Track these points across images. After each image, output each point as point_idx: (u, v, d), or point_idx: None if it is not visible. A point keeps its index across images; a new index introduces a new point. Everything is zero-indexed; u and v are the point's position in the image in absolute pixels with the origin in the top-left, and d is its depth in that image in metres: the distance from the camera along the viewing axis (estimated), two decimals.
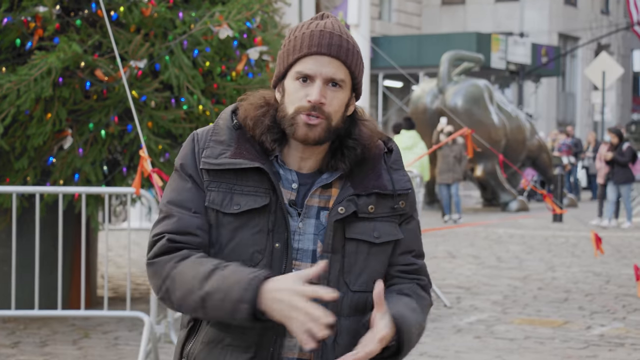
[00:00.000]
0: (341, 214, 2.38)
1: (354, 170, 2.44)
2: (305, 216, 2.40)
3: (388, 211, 2.45)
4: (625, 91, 45.91)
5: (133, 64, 7.58)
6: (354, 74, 2.41)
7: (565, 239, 16.11)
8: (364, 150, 2.44)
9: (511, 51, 32.58)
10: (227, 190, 2.38)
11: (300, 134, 2.36)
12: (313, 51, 2.37)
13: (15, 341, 7.45)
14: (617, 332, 8.23)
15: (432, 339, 7.82)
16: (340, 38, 2.39)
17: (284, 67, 2.41)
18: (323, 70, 2.36)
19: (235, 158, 2.38)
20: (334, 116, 2.37)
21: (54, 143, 7.76)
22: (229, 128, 2.44)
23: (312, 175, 2.43)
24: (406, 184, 2.48)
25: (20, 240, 7.19)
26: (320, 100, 2.34)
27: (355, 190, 2.41)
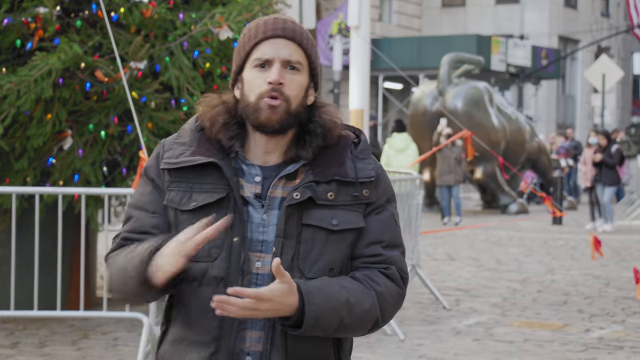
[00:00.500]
0: (295, 199, 2.37)
1: (318, 158, 2.44)
2: (269, 208, 2.40)
3: (349, 199, 2.43)
4: (625, 94, 45.90)
5: (133, 65, 7.59)
6: (310, 57, 2.45)
7: (564, 241, 16.11)
8: (325, 133, 2.44)
9: (511, 53, 32.57)
10: (187, 189, 2.42)
11: (264, 117, 2.38)
12: (269, 35, 2.42)
13: (15, 342, 7.45)
14: (616, 335, 8.23)
15: (431, 341, 7.82)
16: (293, 24, 2.46)
17: (240, 59, 2.45)
18: (280, 53, 2.40)
19: (193, 156, 2.43)
20: (293, 99, 2.40)
21: (53, 144, 7.76)
22: (191, 130, 2.49)
23: (277, 167, 2.43)
24: (369, 172, 2.45)
25: (20, 241, 7.19)
26: (279, 80, 2.37)
27: (315, 177, 2.41)
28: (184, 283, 2.42)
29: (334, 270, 2.41)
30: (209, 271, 2.38)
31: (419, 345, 7.70)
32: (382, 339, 7.82)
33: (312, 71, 2.46)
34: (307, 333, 2.33)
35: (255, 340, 2.38)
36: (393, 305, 2.45)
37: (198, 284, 2.40)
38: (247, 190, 2.41)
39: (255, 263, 2.38)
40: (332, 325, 2.35)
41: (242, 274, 2.37)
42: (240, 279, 2.36)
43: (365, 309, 2.39)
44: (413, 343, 7.78)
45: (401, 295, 2.47)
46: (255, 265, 2.38)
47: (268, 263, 2.37)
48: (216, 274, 2.37)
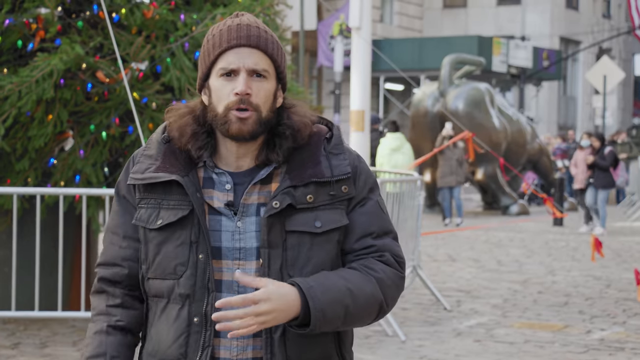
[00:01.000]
0: (275, 208, 2.35)
1: (292, 160, 2.42)
2: (244, 215, 2.38)
3: (328, 199, 2.40)
4: (627, 95, 45.90)
5: (134, 66, 7.59)
6: (276, 62, 2.42)
7: (565, 242, 16.11)
8: (294, 134, 2.42)
9: (512, 55, 32.57)
10: (156, 206, 2.42)
11: (234, 130, 2.36)
12: (233, 44, 2.38)
13: (16, 342, 7.45)
14: (617, 336, 8.23)
15: (432, 342, 7.82)
16: (258, 29, 2.41)
17: (206, 67, 2.42)
18: (245, 62, 2.37)
19: (157, 172, 2.41)
20: (262, 107, 2.38)
21: (55, 144, 7.76)
22: (158, 142, 2.47)
23: (249, 172, 2.42)
24: (345, 169, 2.42)
25: (21, 242, 7.19)
26: (246, 90, 2.35)
27: (292, 182, 2.38)
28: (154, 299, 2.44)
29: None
30: (175, 289, 2.39)
31: (420, 346, 7.70)
32: (383, 340, 7.83)
33: (279, 75, 2.43)
34: (317, 329, 2.30)
35: (243, 349, 2.37)
36: (394, 289, 2.43)
37: (166, 301, 2.41)
38: (216, 200, 2.40)
39: (235, 271, 2.37)
40: (339, 317, 2.33)
41: (207, 291, 2.36)
42: (205, 296, 2.36)
43: (368, 294, 2.37)
44: (414, 344, 7.79)
45: (400, 278, 2.46)
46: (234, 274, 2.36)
47: (249, 270, 2.37)
48: (182, 292, 2.38)
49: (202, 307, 2.36)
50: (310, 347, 2.39)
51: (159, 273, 2.40)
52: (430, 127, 21.13)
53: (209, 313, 2.35)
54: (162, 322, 2.42)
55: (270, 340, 2.36)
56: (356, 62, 10.06)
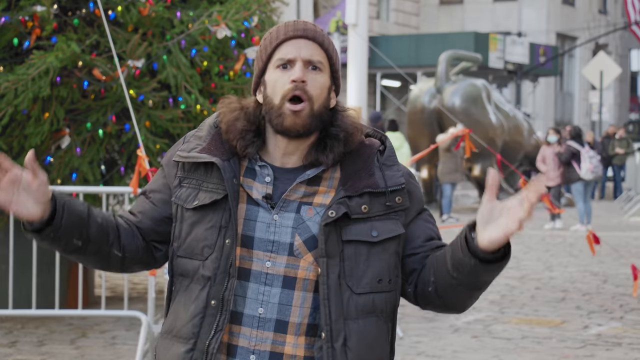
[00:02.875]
0: (332, 217, 2.37)
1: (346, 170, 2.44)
2: (282, 209, 2.40)
3: (383, 209, 2.43)
4: (623, 91, 45.92)
5: (131, 64, 7.59)
6: (331, 59, 2.46)
7: (562, 238, 16.12)
8: (347, 138, 2.44)
9: (509, 51, 32.57)
10: (196, 187, 2.45)
11: (288, 123, 2.38)
12: (290, 35, 2.43)
13: (13, 340, 7.45)
14: (615, 331, 8.24)
15: (430, 339, 7.83)
16: (314, 26, 2.47)
17: (263, 62, 2.45)
18: (302, 52, 2.41)
19: (202, 152, 2.45)
20: (316, 99, 2.40)
21: (51, 142, 7.76)
22: (210, 125, 2.51)
23: (295, 170, 2.44)
24: (399, 180, 2.45)
25: (18, 240, 7.19)
26: (302, 77, 2.38)
27: (347, 192, 2.40)
28: (179, 278, 2.47)
29: (382, 281, 2.43)
30: (199, 270, 2.41)
31: (418, 343, 7.71)
32: None
33: (333, 73, 2.47)
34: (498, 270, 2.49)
35: (262, 340, 2.38)
36: None
37: (189, 280, 2.44)
38: (255, 191, 2.42)
39: (265, 263, 2.39)
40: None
41: (229, 276, 2.38)
42: (226, 280, 2.38)
43: None
44: (412, 340, 7.79)
45: None
46: (265, 265, 2.39)
47: (279, 264, 2.39)
48: (205, 273, 2.40)
49: (221, 291, 2.38)
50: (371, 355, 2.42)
51: (188, 252, 2.44)
52: (427, 124, 21.12)
53: (227, 297, 2.38)
54: (182, 300, 2.45)
55: (332, 351, 2.37)
56: (353, 59, 10.06)
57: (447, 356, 7.28)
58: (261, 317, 2.38)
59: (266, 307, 2.38)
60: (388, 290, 2.45)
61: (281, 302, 2.39)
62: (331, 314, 2.36)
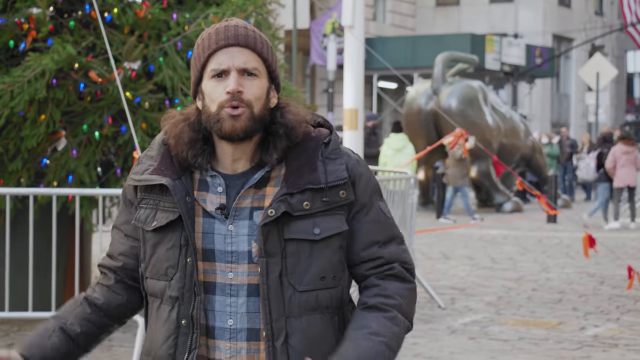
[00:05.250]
0: (271, 217, 2.35)
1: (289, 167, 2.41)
2: (236, 218, 2.38)
3: (322, 205, 2.39)
4: (619, 92, 45.97)
5: (127, 66, 7.58)
6: (267, 61, 2.42)
7: (559, 240, 16.13)
8: (289, 133, 2.41)
9: (505, 52, 32.60)
10: (153, 207, 2.44)
11: (227, 127, 2.36)
12: (221, 45, 2.39)
13: (10, 343, 7.44)
14: (611, 332, 8.24)
15: (427, 340, 7.83)
16: (245, 29, 2.42)
17: (197, 71, 2.43)
18: (235, 61, 2.38)
19: (152, 174, 2.44)
20: (254, 103, 2.37)
21: (47, 144, 7.75)
22: (159, 143, 2.49)
23: (243, 175, 2.41)
24: (341, 174, 2.40)
25: (14, 242, 7.18)
26: (237, 88, 2.35)
27: (288, 189, 2.37)
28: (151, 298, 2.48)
29: (326, 278, 2.40)
30: (166, 290, 2.43)
31: (414, 344, 7.71)
32: None
33: (270, 74, 2.43)
34: None
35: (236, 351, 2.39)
36: (411, 304, 2.47)
37: (159, 301, 2.45)
38: (209, 203, 2.41)
39: (228, 274, 2.39)
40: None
41: (194, 294, 2.39)
42: (192, 299, 2.39)
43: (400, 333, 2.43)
44: (408, 342, 7.79)
45: (412, 289, 2.47)
46: (227, 277, 2.39)
47: (241, 274, 2.38)
48: (172, 294, 2.41)
49: (189, 310, 2.39)
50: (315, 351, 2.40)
51: (154, 273, 2.45)
52: (424, 125, 21.13)
53: (195, 316, 2.38)
54: (155, 321, 2.46)
55: (273, 349, 2.37)
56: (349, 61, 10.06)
57: (444, 358, 7.28)
58: (232, 329, 2.38)
59: (235, 318, 2.38)
60: (333, 287, 2.42)
61: (249, 310, 2.38)
62: (271, 313, 2.36)
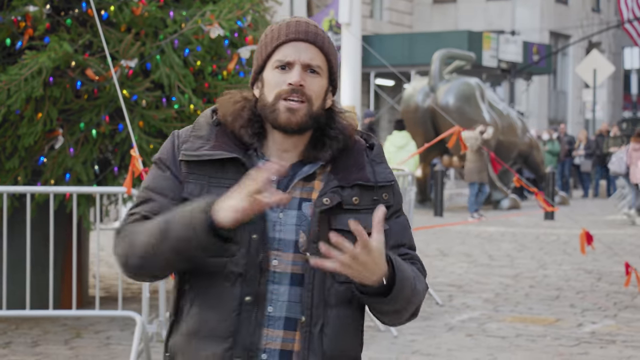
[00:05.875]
0: (326, 205, 2.39)
1: (337, 163, 2.47)
2: (286, 207, 2.41)
3: (371, 203, 2.45)
4: (617, 89, 45.99)
5: (124, 63, 7.58)
6: (330, 62, 2.46)
7: (556, 236, 16.14)
8: (344, 139, 2.47)
9: (502, 49, 32.59)
10: (205, 183, 2.42)
11: (283, 119, 2.39)
12: (291, 38, 2.43)
13: (7, 341, 7.44)
14: (609, 329, 8.25)
15: (424, 337, 7.83)
16: (316, 28, 2.46)
17: (262, 59, 2.45)
18: (301, 56, 2.41)
19: (213, 150, 2.42)
20: (314, 100, 2.42)
21: (44, 143, 7.74)
22: (208, 124, 2.48)
23: (293, 166, 2.44)
24: (388, 176, 2.50)
25: (12, 241, 7.18)
26: (300, 82, 2.39)
27: (340, 182, 2.43)
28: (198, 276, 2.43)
29: None
30: (227, 266, 2.38)
31: (412, 341, 7.71)
32: (375, 335, 7.83)
33: (331, 75, 2.48)
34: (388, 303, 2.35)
35: (272, 339, 2.40)
36: (422, 297, 2.51)
37: (214, 278, 2.40)
38: None
39: (272, 261, 2.40)
40: (404, 299, 2.40)
41: (260, 271, 2.38)
42: (257, 276, 2.38)
43: (420, 289, 2.46)
44: (406, 339, 7.79)
45: (427, 289, 2.55)
46: (272, 263, 2.40)
47: (286, 262, 2.40)
48: (234, 270, 2.38)
49: (254, 286, 2.37)
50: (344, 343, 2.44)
51: None
52: (421, 123, 21.13)
53: (261, 292, 2.37)
54: (208, 300, 2.41)
55: (309, 335, 2.39)
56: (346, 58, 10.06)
57: (441, 354, 7.28)
58: (271, 316, 2.39)
59: (275, 306, 2.39)
60: None
61: (289, 299, 2.40)
62: (313, 298, 2.38)
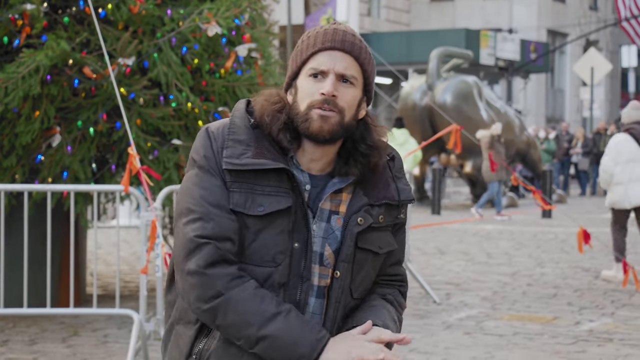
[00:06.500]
0: (361, 225, 2.38)
1: (365, 177, 2.44)
2: (318, 219, 2.40)
3: (392, 220, 2.46)
4: (614, 87, 46.02)
5: (121, 62, 7.57)
6: (366, 72, 2.43)
7: (554, 235, 16.15)
8: (376, 159, 2.44)
9: (500, 47, 32.61)
10: (249, 191, 2.36)
11: (315, 127, 2.35)
12: (327, 46, 2.39)
13: (5, 339, 7.43)
14: (606, 327, 8.25)
15: (422, 335, 7.83)
16: (353, 37, 2.42)
17: (297, 66, 2.42)
18: (336, 65, 2.37)
19: (257, 158, 2.35)
20: (347, 111, 2.38)
21: (42, 141, 7.74)
22: (246, 127, 2.41)
23: (322, 177, 2.42)
24: (410, 195, 2.49)
25: (9, 239, 7.17)
26: (333, 92, 2.35)
27: (370, 200, 2.41)
28: None
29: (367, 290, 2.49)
30: (272, 276, 2.35)
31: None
32: None
33: (366, 86, 2.45)
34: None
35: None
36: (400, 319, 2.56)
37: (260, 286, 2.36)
38: None
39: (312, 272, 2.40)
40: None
41: (302, 280, 2.37)
42: (299, 285, 2.36)
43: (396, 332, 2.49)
44: None
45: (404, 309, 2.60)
46: None
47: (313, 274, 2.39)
48: (278, 280, 2.35)
49: (296, 295, 2.36)
50: None
51: (256, 259, 2.35)
52: (419, 121, 21.13)
53: (302, 301, 2.37)
54: None
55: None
56: None
57: (439, 353, 7.28)
58: None
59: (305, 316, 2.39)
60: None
61: (314, 311, 2.40)
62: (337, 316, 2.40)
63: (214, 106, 8.02)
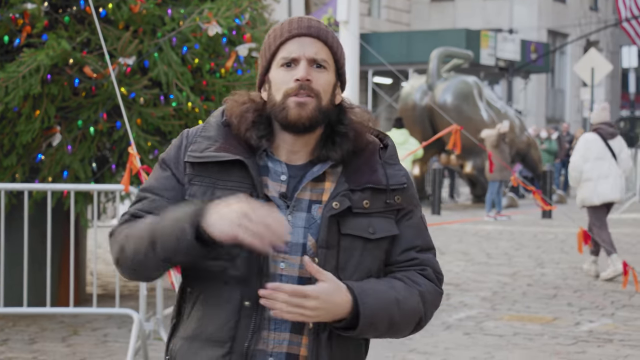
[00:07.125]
0: (335, 209, 2.35)
1: (348, 164, 2.42)
2: (295, 209, 2.37)
3: (383, 206, 2.42)
4: (614, 88, 46.01)
5: (122, 61, 7.57)
6: (336, 55, 2.43)
7: (554, 235, 16.14)
8: (355, 137, 2.42)
9: (500, 48, 32.59)
10: (210, 185, 2.38)
11: (293, 115, 2.35)
12: (294, 33, 2.39)
13: (4, 338, 7.44)
14: (606, 328, 8.26)
15: (422, 336, 7.83)
16: (318, 23, 2.44)
17: (266, 60, 2.43)
18: (306, 51, 2.38)
19: (218, 152, 2.38)
20: (323, 95, 2.38)
21: (42, 140, 7.74)
22: (218, 125, 2.45)
23: (303, 167, 2.41)
24: (401, 179, 2.45)
25: (9, 238, 7.17)
26: (307, 76, 2.35)
27: (350, 185, 2.39)
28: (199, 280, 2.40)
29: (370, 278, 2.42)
30: (228, 270, 2.35)
31: (409, 340, 7.71)
32: None
33: (338, 70, 2.44)
34: (362, 334, 2.35)
35: (278, 342, 2.36)
36: (433, 304, 2.48)
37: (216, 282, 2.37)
38: (271, 189, 2.38)
39: (279, 264, 2.36)
40: (384, 325, 2.38)
41: (261, 275, 2.34)
42: (258, 280, 2.34)
43: (413, 306, 2.42)
44: (403, 337, 7.78)
45: (439, 294, 2.50)
46: (279, 267, 2.36)
47: (293, 265, 2.36)
48: (235, 274, 2.34)
49: (255, 291, 2.32)
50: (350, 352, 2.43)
51: None
52: (419, 121, 21.13)
53: None
54: (209, 304, 2.38)
55: (317, 341, 2.36)
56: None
57: (438, 353, 7.28)
58: (277, 319, 2.34)
59: None
60: None
61: None
62: None
63: (215, 106, 8.03)
